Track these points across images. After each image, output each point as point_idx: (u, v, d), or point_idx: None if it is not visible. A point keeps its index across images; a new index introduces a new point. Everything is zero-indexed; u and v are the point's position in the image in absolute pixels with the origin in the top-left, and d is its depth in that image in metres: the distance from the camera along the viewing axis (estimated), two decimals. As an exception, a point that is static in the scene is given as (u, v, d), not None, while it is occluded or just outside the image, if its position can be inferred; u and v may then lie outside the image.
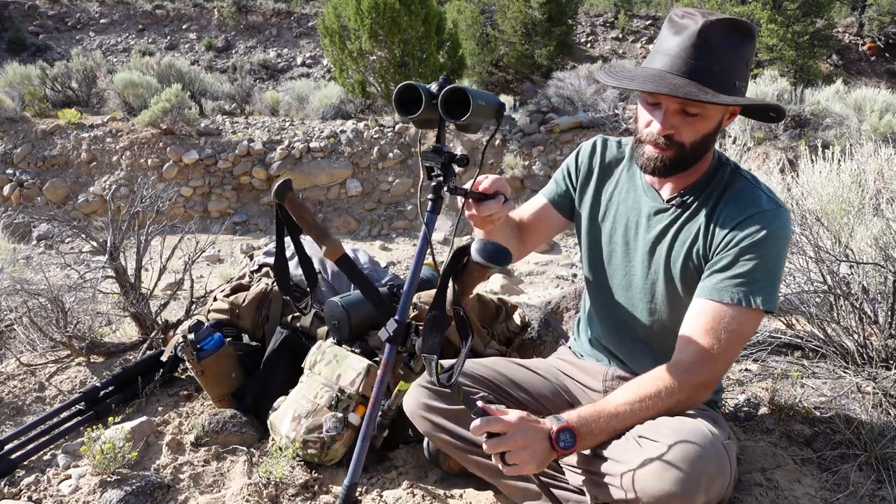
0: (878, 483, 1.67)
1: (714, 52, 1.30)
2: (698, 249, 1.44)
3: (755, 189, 1.43)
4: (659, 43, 1.38)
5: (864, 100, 9.49)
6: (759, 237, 1.36)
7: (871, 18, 16.36)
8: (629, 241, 1.56)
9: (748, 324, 1.38)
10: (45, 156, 9.50)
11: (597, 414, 1.33)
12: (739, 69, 1.35)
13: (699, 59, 1.30)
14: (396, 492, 1.66)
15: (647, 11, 18.79)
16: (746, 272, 1.36)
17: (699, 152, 1.42)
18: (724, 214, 1.41)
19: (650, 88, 1.31)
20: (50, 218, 8.40)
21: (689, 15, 1.35)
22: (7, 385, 2.32)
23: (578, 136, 9.65)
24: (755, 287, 1.36)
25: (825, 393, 2.10)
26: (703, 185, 1.47)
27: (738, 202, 1.41)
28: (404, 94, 1.27)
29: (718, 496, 1.31)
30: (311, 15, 18.31)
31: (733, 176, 1.46)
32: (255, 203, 9.42)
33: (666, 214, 1.50)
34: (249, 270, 2.40)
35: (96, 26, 18.17)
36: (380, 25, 9.86)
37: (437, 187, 1.28)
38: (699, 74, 1.30)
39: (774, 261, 1.39)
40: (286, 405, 1.85)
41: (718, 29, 1.31)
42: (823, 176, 2.81)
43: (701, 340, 1.36)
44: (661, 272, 1.50)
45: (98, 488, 1.69)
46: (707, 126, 1.38)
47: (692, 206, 1.47)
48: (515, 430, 1.25)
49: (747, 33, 1.35)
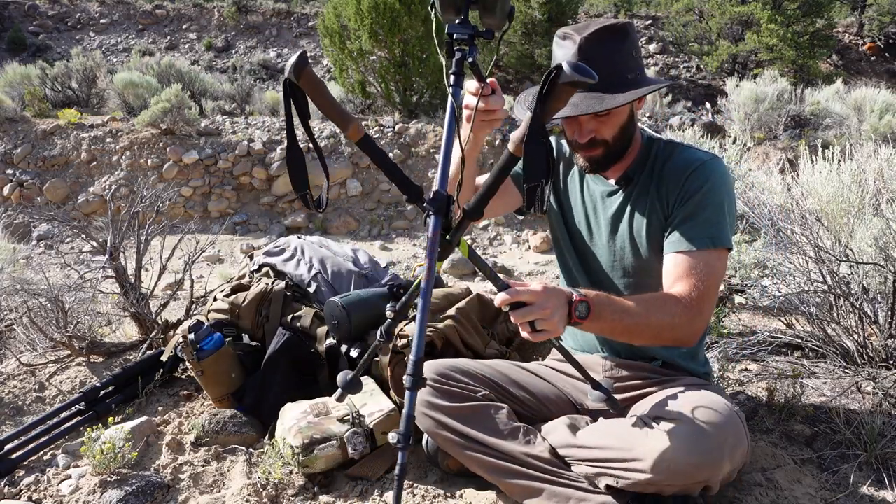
0: (878, 483, 1.67)
1: (597, 60, 1.39)
2: (658, 214, 1.58)
3: (689, 148, 1.60)
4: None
5: (864, 100, 9.47)
6: (707, 186, 1.51)
7: (871, 18, 16.35)
8: (591, 225, 1.71)
9: (717, 263, 1.50)
10: (45, 156, 9.49)
11: (609, 301, 1.40)
12: (628, 63, 1.48)
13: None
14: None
15: (647, 11, 18.79)
16: (703, 219, 1.50)
17: (625, 141, 1.58)
18: (670, 176, 1.57)
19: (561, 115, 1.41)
20: (50, 218, 8.40)
21: (568, 35, 1.49)
22: (7, 385, 2.32)
23: (578, 136, 9.65)
24: (714, 229, 1.50)
25: (825, 393, 2.10)
26: (643, 161, 1.62)
27: (680, 162, 1.57)
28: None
29: (741, 463, 1.39)
30: (311, 15, 18.30)
31: (668, 146, 1.62)
32: (255, 203, 9.41)
33: (617, 195, 1.65)
34: (249, 270, 2.39)
35: (96, 26, 18.16)
36: (380, 25, 9.85)
37: (461, 60, 1.29)
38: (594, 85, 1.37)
39: (725, 202, 1.52)
40: (304, 402, 1.87)
41: (595, 40, 1.45)
42: (823, 176, 2.81)
43: (682, 287, 1.46)
44: (628, 245, 1.63)
45: (98, 488, 1.69)
46: (620, 119, 1.54)
47: (640, 181, 1.62)
48: (543, 298, 1.27)
49: (622, 31, 1.48)
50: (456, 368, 1.67)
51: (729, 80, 10.57)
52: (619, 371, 1.71)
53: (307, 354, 2.10)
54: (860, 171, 2.84)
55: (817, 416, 1.96)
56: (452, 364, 1.69)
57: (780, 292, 2.55)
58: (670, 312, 1.43)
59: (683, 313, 1.43)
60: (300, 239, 2.49)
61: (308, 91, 1.27)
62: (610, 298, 1.41)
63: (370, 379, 1.97)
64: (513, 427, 1.57)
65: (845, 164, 2.85)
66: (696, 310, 1.45)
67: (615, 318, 1.38)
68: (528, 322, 1.26)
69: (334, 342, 2.07)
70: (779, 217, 2.64)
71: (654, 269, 1.58)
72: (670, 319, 1.42)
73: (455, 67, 1.30)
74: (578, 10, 17.51)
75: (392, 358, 1.93)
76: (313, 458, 1.70)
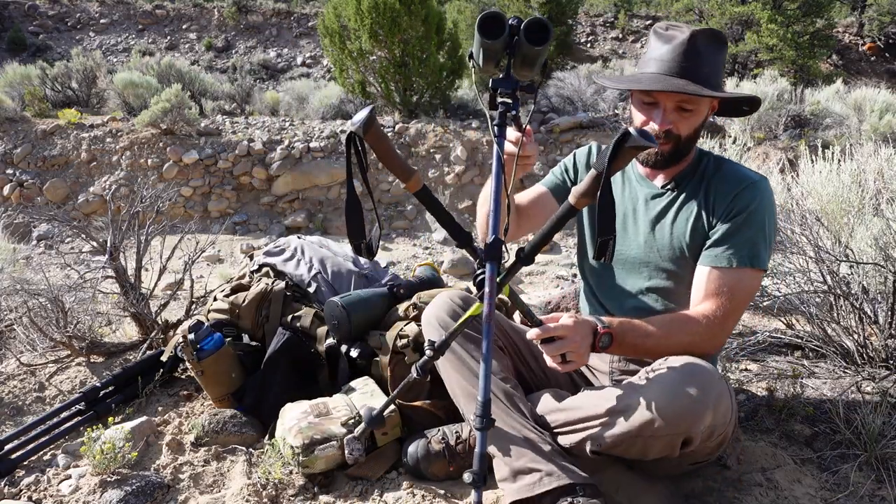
0: (878, 483, 1.67)
1: (702, 56, 1.51)
2: (703, 222, 1.61)
3: (739, 166, 1.65)
4: (649, 53, 1.59)
5: (864, 100, 9.48)
6: (754, 205, 1.55)
7: (871, 18, 16.35)
8: (627, 227, 1.72)
9: (750, 283, 1.55)
10: (45, 156, 9.49)
11: (632, 328, 1.47)
12: (719, 71, 1.57)
13: (691, 62, 1.51)
14: (397, 493, 1.66)
15: (647, 11, 18.79)
16: (745, 238, 1.54)
17: (691, 143, 1.62)
18: (720, 190, 1.60)
19: (659, 87, 1.50)
20: (50, 218, 8.40)
21: (675, 27, 1.57)
22: (7, 385, 2.32)
23: (578, 135, 9.65)
24: (753, 250, 1.54)
25: (825, 393, 2.10)
26: (692, 172, 1.67)
27: (730, 178, 1.61)
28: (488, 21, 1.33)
29: (724, 419, 1.41)
30: (311, 15, 18.30)
31: (718, 160, 1.67)
32: (255, 203, 9.41)
33: (662, 198, 1.68)
34: (249, 270, 2.39)
35: (96, 26, 18.16)
36: (380, 25, 9.85)
37: (504, 113, 1.39)
38: (693, 75, 1.51)
39: (767, 224, 1.56)
40: (304, 402, 1.87)
41: (703, 37, 1.52)
42: (823, 176, 2.82)
43: (710, 305, 1.52)
44: (666, 247, 1.66)
45: (98, 488, 1.69)
46: (698, 119, 1.59)
47: (687, 189, 1.66)
48: (573, 333, 1.37)
49: (724, 41, 1.57)
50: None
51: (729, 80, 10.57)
52: (627, 364, 1.73)
53: (307, 354, 2.10)
54: (860, 171, 2.84)
55: (817, 416, 1.96)
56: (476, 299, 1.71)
57: (780, 292, 2.55)
58: (691, 332, 1.50)
59: (705, 332, 1.50)
60: (300, 239, 2.49)
61: (372, 144, 1.33)
62: (632, 325, 1.48)
63: (370, 379, 1.97)
64: (505, 375, 1.63)
65: (845, 164, 2.85)
66: (720, 328, 1.52)
67: (636, 342, 1.47)
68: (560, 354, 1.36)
69: (334, 342, 2.07)
70: (779, 217, 2.64)
71: (684, 274, 1.64)
72: (690, 339, 1.50)
73: (499, 119, 1.39)
74: (578, 10, 17.51)
75: (392, 358, 1.93)
76: (313, 459, 1.70)
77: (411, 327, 1.96)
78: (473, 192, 9.26)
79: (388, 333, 1.99)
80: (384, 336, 1.99)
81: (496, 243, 1.33)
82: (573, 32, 17.26)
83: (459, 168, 9.33)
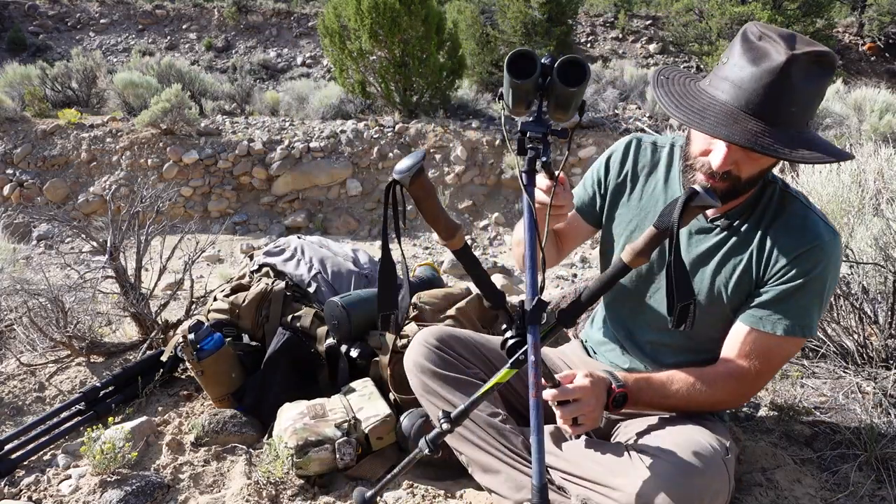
0: (878, 483, 1.67)
1: (795, 91, 1.18)
2: (752, 275, 1.39)
3: (809, 213, 1.36)
4: (730, 66, 1.24)
5: (864, 100, 9.48)
6: (817, 272, 1.32)
7: (871, 18, 16.35)
8: (664, 254, 1.48)
9: (792, 349, 1.41)
10: (45, 156, 9.49)
11: (648, 385, 1.37)
12: (814, 105, 1.24)
13: (776, 100, 1.19)
14: (397, 492, 1.66)
15: (647, 11, 18.78)
16: (800, 305, 1.34)
17: (753, 184, 1.35)
18: (780, 242, 1.35)
19: (725, 136, 1.18)
20: (50, 218, 8.40)
21: (769, 38, 1.21)
22: (7, 385, 2.32)
23: (578, 135, 9.65)
24: (806, 320, 1.35)
25: (825, 393, 2.09)
26: (751, 207, 1.40)
27: (796, 230, 1.34)
28: (518, 60, 1.20)
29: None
30: (311, 15, 18.30)
31: (783, 196, 1.39)
32: (255, 203, 9.41)
33: (710, 235, 1.44)
34: (249, 270, 2.39)
35: (96, 26, 18.16)
36: (380, 25, 9.85)
37: (533, 160, 1.24)
38: (775, 117, 1.19)
39: (827, 290, 1.35)
40: (302, 402, 1.87)
41: (803, 64, 1.17)
42: (823, 176, 2.82)
43: (745, 364, 1.38)
44: (704, 292, 1.45)
45: (98, 488, 1.69)
46: (768, 161, 1.29)
47: (741, 230, 1.40)
48: (590, 395, 1.29)
49: (831, 66, 1.21)
50: (455, 338, 1.63)
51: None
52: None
53: (307, 354, 2.10)
54: (860, 171, 2.84)
55: (817, 416, 1.96)
56: (452, 333, 1.65)
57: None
58: (713, 398, 1.38)
59: (736, 390, 1.39)
60: (300, 239, 2.49)
61: (416, 197, 1.21)
62: (650, 383, 1.38)
63: (369, 381, 1.97)
64: (494, 410, 1.55)
65: (845, 164, 2.85)
66: (748, 389, 1.41)
67: (653, 402, 1.38)
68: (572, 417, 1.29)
69: (334, 342, 2.07)
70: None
71: (716, 322, 1.45)
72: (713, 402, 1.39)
73: (527, 166, 1.24)
74: (578, 10, 17.50)
75: (392, 358, 1.93)
76: (307, 461, 1.70)
77: (411, 327, 1.96)
78: (473, 192, 9.27)
79: (387, 333, 1.99)
80: (384, 336, 1.99)
81: (539, 305, 1.19)
82: (573, 32, 17.25)
83: (459, 168, 9.33)
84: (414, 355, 1.62)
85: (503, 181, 9.32)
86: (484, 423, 1.52)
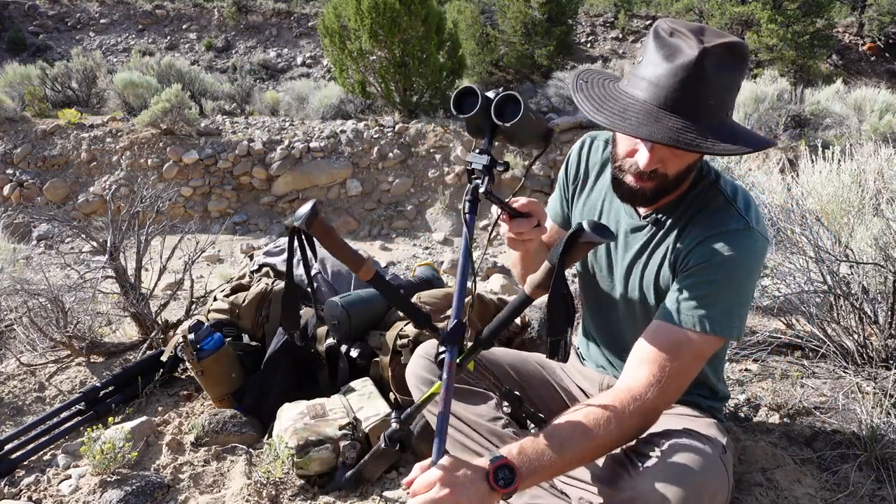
0: (878, 483, 1.67)
1: (710, 84, 1.17)
2: (665, 270, 1.38)
3: (728, 206, 1.33)
4: (645, 64, 1.23)
5: (864, 100, 9.49)
6: (719, 259, 1.27)
7: (871, 18, 16.34)
8: (611, 258, 1.50)
9: (702, 349, 1.29)
10: (45, 156, 9.49)
11: (540, 452, 1.17)
12: (731, 97, 1.24)
13: (693, 93, 1.17)
14: (397, 492, 1.66)
15: (647, 11, 18.78)
16: (703, 296, 1.28)
17: (681, 180, 1.33)
18: (691, 233, 1.33)
19: (647, 135, 1.16)
20: (50, 218, 8.40)
21: (680, 34, 1.20)
22: (7, 385, 2.32)
23: (578, 135, 9.63)
24: (712, 312, 1.27)
25: (825, 393, 2.09)
26: (679, 202, 1.38)
27: (706, 221, 1.33)
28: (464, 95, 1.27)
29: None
30: (311, 15, 18.30)
31: (711, 190, 1.36)
32: (255, 203, 9.41)
33: (642, 233, 1.43)
34: (249, 270, 2.40)
35: (96, 26, 18.16)
36: (380, 25, 9.86)
37: (476, 189, 1.25)
38: (692, 112, 1.17)
39: (736, 284, 1.29)
40: (302, 402, 1.87)
41: (716, 56, 1.16)
42: (823, 176, 2.82)
43: (652, 365, 1.27)
44: (637, 292, 1.44)
45: (98, 488, 1.69)
46: (693, 156, 1.28)
47: (666, 225, 1.39)
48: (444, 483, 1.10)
49: (744, 56, 1.22)
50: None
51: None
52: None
53: (307, 354, 2.10)
54: (860, 171, 2.85)
55: (817, 416, 1.96)
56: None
57: (780, 292, 2.55)
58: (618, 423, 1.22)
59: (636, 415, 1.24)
60: (300, 239, 2.49)
61: (319, 237, 1.30)
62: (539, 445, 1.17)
63: (368, 380, 1.97)
64: (495, 415, 1.54)
65: (845, 164, 2.85)
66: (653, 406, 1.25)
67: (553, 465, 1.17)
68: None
69: (334, 342, 2.07)
70: (779, 217, 2.64)
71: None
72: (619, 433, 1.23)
73: (470, 195, 1.25)
74: (578, 10, 17.51)
75: (392, 358, 1.93)
76: (308, 460, 1.70)
77: (411, 327, 1.96)
78: (473, 192, 9.27)
79: (387, 333, 1.99)
80: (384, 336, 1.99)
81: (457, 328, 1.20)
82: (573, 32, 17.25)
83: (459, 168, 9.33)
84: (415, 368, 1.62)
85: (503, 181, 9.32)
86: (486, 430, 1.52)
